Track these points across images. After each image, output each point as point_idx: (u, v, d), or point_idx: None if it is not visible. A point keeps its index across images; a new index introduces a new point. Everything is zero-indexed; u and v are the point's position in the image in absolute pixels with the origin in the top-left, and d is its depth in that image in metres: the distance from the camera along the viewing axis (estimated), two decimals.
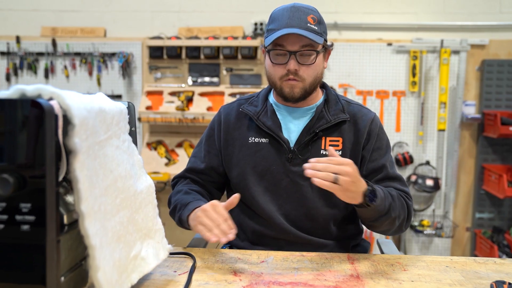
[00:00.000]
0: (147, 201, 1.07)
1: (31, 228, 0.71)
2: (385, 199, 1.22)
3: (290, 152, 1.36)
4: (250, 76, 3.51)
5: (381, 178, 1.36)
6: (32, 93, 0.77)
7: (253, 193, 1.38)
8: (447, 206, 3.53)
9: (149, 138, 3.61)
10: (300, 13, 1.30)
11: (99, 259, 0.83)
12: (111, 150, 0.94)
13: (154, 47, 3.50)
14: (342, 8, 3.53)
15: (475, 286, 1.06)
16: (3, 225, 0.71)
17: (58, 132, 0.75)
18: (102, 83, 3.62)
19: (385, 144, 1.41)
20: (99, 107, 0.90)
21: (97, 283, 0.83)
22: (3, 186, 0.69)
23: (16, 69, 3.66)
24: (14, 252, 0.73)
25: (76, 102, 0.80)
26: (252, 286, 1.05)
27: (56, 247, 0.74)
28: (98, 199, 0.85)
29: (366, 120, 1.39)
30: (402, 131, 3.50)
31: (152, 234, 1.08)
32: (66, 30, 3.68)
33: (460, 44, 3.42)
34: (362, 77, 3.50)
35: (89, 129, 0.83)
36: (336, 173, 1.09)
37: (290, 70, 1.30)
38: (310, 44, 1.30)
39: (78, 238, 0.86)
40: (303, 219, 1.37)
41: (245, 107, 1.43)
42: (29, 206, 0.71)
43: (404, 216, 1.31)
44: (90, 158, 0.83)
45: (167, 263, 1.20)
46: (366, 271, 1.16)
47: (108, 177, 0.91)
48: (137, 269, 0.99)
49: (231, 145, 1.43)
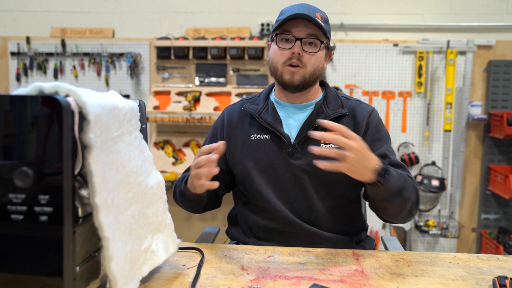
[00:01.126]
0: (158, 196, 1.10)
1: (48, 219, 0.75)
2: (398, 177, 1.22)
3: (290, 146, 1.40)
4: (256, 76, 3.54)
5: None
6: (50, 90, 0.80)
7: (258, 187, 1.42)
8: (452, 206, 3.54)
9: (157, 137, 3.65)
10: (310, 9, 1.38)
11: (112, 251, 0.86)
12: (123, 146, 0.97)
13: (161, 47, 3.54)
14: (348, 9, 3.55)
15: (477, 282, 1.08)
16: (22, 216, 0.75)
17: (74, 128, 0.78)
18: (110, 83, 3.66)
19: (384, 135, 1.43)
20: (112, 105, 0.93)
21: (110, 274, 0.86)
22: (23, 178, 0.72)
23: (26, 69, 3.72)
24: (32, 242, 0.76)
25: (91, 99, 0.83)
26: (259, 280, 1.08)
27: (72, 237, 0.78)
28: (111, 193, 0.88)
29: (365, 113, 1.43)
30: (408, 132, 3.52)
31: (162, 228, 1.11)
32: (75, 30, 3.73)
33: (466, 45, 3.43)
34: (368, 77, 3.52)
35: (103, 125, 0.86)
36: (341, 147, 1.07)
37: (294, 53, 1.35)
38: (316, 35, 1.36)
39: (92, 231, 0.89)
40: (307, 211, 1.40)
41: (247, 106, 1.48)
42: (47, 198, 0.74)
43: (414, 198, 1.29)
44: (104, 153, 0.86)
45: (176, 257, 1.22)
46: (370, 266, 1.18)
47: (121, 172, 0.94)
48: (147, 262, 1.03)
49: (234, 142, 1.47)
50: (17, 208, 0.75)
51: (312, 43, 1.38)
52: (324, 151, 1.09)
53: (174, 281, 1.06)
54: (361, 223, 1.49)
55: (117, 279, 0.87)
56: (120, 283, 0.88)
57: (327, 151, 1.08)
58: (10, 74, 3.74)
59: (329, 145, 1.36)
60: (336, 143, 1.08)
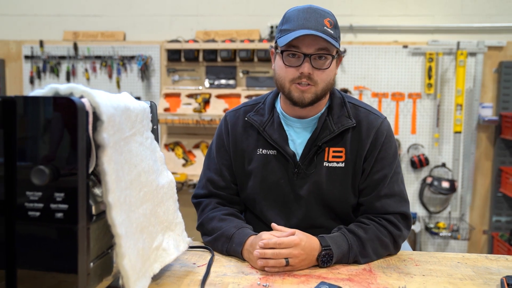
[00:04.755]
0: (168, 195, 1.13)
1: (64, 216, 0.77)
2: (349, 252, 1.20)
3: (295, 167, 1.34)
4: (266, 78, 3.56)
5: (376, 196, 1.31)
6: (65, 91, 0.82)
7: (262, 207, 1.39)
8: (463, 208, 3.52)
9: (167, 139, 3.69)
10: (317, 15, 1.25)
11: (125, 247, 0.88)
12: (135, 146, 0.99)
13: (172, 50, 3.58)
14: (357, 11, 3.56)
15: (485, 281, 1.09)
16: (39, 212, 0.77)
17: (88, 128, 0.81)
18: (122, 86, 3.71)
19: (391, 155, 1.34)
20: (125, 106, 0.95)
21: (122, 270, 0.88)
22: (40, 176, 0.74)
23: (39, 72, 3.78)
24: (48, 239, 0.79)
25: (104, 100, 0.85)
26: (267, 278, 1.10)
27: (86, 233, 0.80)
28: (123, 191, 0.91)
29: (371, 128, 1.33)
30: (417, 133, 3.51)
31: (173, 227, 1.14)
32: (87, 34, 3.79)
33: (477, 46, 3.42)
34: (377, 79, 3.52)
35: (116, 126, 0.89)
36: (285, 258, 1.13)
37: (303, 73, 1.24)
38: (326, 48, 1.24)
39: (105, 229, 0.92)
40: (310, 229, 1.31)
41: (251, 117, 1.39)
42: (63, 196, 0.77)
43: (383, 252, 1.27)
44: (116, 152, 0.89)
45: (187, 256, 1.25)
46: (378, 265, 1.19)
47: (133, 171, 0.96)
48: (159, 259, 1.05)
49: (240, 157, 1.41)
50: (34, 205, 0.77)
51: (322, 57, 1.26)
52: (271, 263, 1.13)
53: (184, 279, 1.09)
54: None
55: (129, 275, 0.89)
56: (132, 279, 0.91)
57: (274, 262, 1.13)
58: (23, 77, 3.81)
59: (332, 163, 1.32)
60: (280, 257, 1.13)
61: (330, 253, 1.17)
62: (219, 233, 1.29)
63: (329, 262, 1.18)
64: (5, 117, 0.78)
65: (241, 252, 1.23)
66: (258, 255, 1.14)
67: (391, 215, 1.29)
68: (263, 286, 1.05)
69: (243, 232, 1.26)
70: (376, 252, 1.24)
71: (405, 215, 1.30)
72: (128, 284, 0.90)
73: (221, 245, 1.28)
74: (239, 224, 1.31)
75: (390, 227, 1.27)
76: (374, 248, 1.24)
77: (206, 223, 1.36)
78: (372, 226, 1.26)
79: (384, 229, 1.27)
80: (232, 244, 1.25)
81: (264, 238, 1.16)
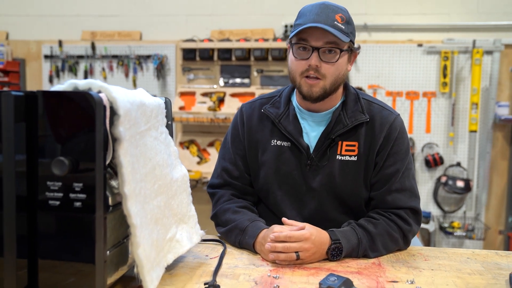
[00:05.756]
0: (182, 189, 1.16)
1: (82, 205, 0.81)
2: (358, 246, 1.22)
3: (309, 159, 1.36)
4: (280, 77, 3.58)
5: (387, 190, 1.33)
6: (84, 86, 0.86)
7: (276, 197, 1.42)
8: (478, 208, 3.50)
9: (182, 137, 3.74)
10: (329, 10, 1.28)
11: (140, 237, 0.92)
12: (150, 140, 1.03)
13: (187, 49, 3.63)
14: (372, 10, 3.56)
15: (494, 276, 1.10)
16: (59, 202, 0.81)
17: (106, 122, 0.84)
18: (138, 84, 3.77)
19: (403, 150, 1.36)
20: (140, 101, 0.99)
21: (137, 259, 0.92)
22: (60, 167, 0.78)
23: (58, 71, 3.87)
24: (67, 227, 0.83)
25: (121, 95, 0.89)
26: (278, 270, 1.12)
27: (103, 222, 0.84)
28: (139, 183, 0.94)
29: (384, 123, 1.35)
30: (432, 132, 3.49)
31: (186, 220, 1.17)
32: (104, 34, 3.86)
33: (493, 44, 3.39)
34: (391, 78, 3.52)
35: (132, 120, 0.92)
36: (296, 251, 1.15)
37: (311, 65, 1.27)
38: (335, 42, 1.27)
39: (121, 219, 0.95)
40: (323, 223, 1.34)
41: (267, 109, 1.42)
42: (81, 186, 0.81)
43: (393, 246, 1.28)
44: (132, 146, 0.92)
45: (199, 248, 1.28)
46: (388, 260, 1.21)
47: (148, 164, 1.00)
48: (172, 250, 1.08)
49: (254, 147, 1.44)
50: (54, 195, 0.81)
51: (332, 51, 1.28)
52: (282, 257, 1.15)
53: (197, 269, 1.12)
54: None
55: (144, 264, 0.93)
56: (147, 268, 0.94)
57: (285, 256, 1.15)
58: (43, 76, 3.90)
59: (345, 157, 1.35)
60: (291, 250, 1.15)
61: (339, 247, 1.19)
62: (233, 225, 1.32)
63: (339, 256, 1.20)
64: (28, 110, 0.82)
65: (253, 244, 1.26)
66: (269, 248, 1.16)
67: (401, 210, 1.30)
68: (273, 277, 1.08)
69: (256, 225, 1.29)
70: (385, 247, 1.26)
71: (416, 210, 1.32)
72: (142, 273, 0.94)
73: (234, 237, 1.31)
74: (252, 217, 1.34)
75: (400, 222, 1.29)
76: (383, 243, 1.25)
77: (220, 215, 1.39)
78: (382, 221, 1.28)
79: (394, 224, 1.28)
80: (245, 236, 1.28)
81: (276, 231, 1.19)
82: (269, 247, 1.16)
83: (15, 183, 0.79)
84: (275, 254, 1.16)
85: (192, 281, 1.05)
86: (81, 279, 0.84)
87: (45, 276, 0.85)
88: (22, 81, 3.93)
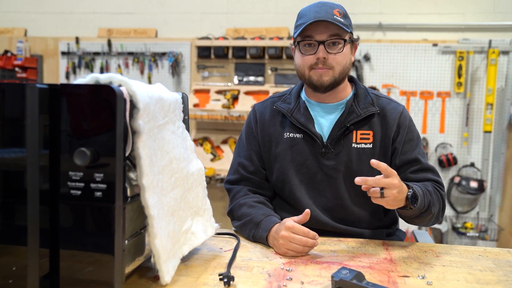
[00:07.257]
0: (198, 182, 1.19)
1: (102, 195, 0.84)
2: (424, 197, 1.27)
3: (323, 147, 1.42)
4: (294, 75, 3.60)
5: (416, 169, 1.41)
6: (105, 80, 0.89)
7: (292, 187, 1.45)
8: (492, 209, 3.47)
9: (196, 134, 3.77)
10: (327, 7, 1.38)
11: (157, 228, 0.94)
12: (167, 134, 1.05)
13: (202, 47, 3.66)
14: (387, 9, 3.55)
15: (505, 273, 1.10)
16: (80, 191, 0.84)
17: (126, 114, 0.87)
18: (153, 81, 3.81)
19: (416, 136, 1.46)
20: (159, 95, 1.02)
21: (154, 249, 0.95)
22: (81, 157, 0.81)
23: (74, 68, 3.93)
24: (88, 217, 0.86)
25: (140, 89, 0.92)
26: (291, 263, 1.14)
27: (122, 212, 0.87)
28: (156, 175, 0.97)
29: (395, 113, 1.44)
30: (446, 132, 3.48)
31: (202, 213, 1.20)
32: (120, 31, 3.91)
33: (509, 44, 3.36)
34: (406, 77, 3.51)
35: (150, 114, 0.95)
36: (383, 187, 1.16)
37: (319, 58, 1.36)
38: (338, 34, 1.36)
39: (138, 211, 0.98)
40: (338, 210, 1.42)
41: (278, 105, 1.49)
42: (102, 176, 0.83)
43: (439, 207, 1.37)
44: (150, 139, 0.95)
45: (214, 241, 1.31)
46: (399, 255, 1.22)
47: (165, 157, 1.03)
48: (188, 242, 1.11)
49: (268, 141, 1.49)
50: (76, 185, 0.84)
51: (336, 43, 1.37)
52: (371, 193, 1.17)
53: (212, 261, 1.14)
54: (391, 217, 1.52)
55: (161, 254, 0.96)
56: (163, 258, 0.97)
57: (372, 192, 1.16)
58: (60, 72, 3.97)
59: (361, 145, 1.41)
60: (378, 185, 1.15)
61: (415, 194, 1.23)
62: (248, 219, 1.36)
63: (415, 202, 1.23)
64: (51, 102, 0.85)
65: (266, 238, 1.28)
66: (359, 181, 1.14)
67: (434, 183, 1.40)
68: (286, 270, 1.10)
69: (270, 220, 1.32)
70: (436, 206, 1.33)
71: (443, 185, 1.42)
72: (159, 263, 0.97)
73: (249, 231, 1.33)
74: (267, 212, 1.38)
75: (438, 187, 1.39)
76: (437, 199, 1.34)
77: (236, 209, 1.43)
78: (428, 183, 1.38)
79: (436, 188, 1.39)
80: (259, 230, 1.30)
81: (287, 225, 1.21)
82: (359, 180, 1.14)
83: (39, 173, 0.82)
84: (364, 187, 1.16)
85: (207, 272, 1.07)
86: (100, 268, 0.87)
87: (66, 265, 0.88)
88: (39, 77, 4.00)
